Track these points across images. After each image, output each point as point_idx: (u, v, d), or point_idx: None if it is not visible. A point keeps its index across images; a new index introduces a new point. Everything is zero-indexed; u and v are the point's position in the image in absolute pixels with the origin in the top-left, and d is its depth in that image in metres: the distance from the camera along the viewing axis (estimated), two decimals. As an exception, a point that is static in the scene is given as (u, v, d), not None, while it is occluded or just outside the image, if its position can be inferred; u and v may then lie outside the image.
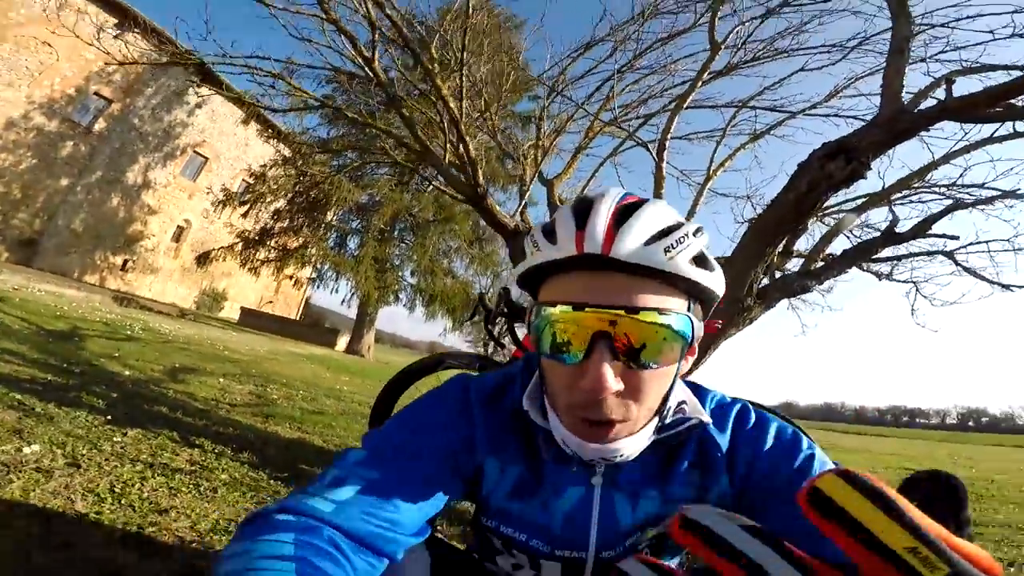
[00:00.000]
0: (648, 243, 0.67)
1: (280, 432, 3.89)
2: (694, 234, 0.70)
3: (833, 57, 4.57)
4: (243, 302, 27.62)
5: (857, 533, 0.31)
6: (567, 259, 0.69)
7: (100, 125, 20.90)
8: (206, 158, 25.74)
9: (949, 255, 4.15)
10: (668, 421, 0.80)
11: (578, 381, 0.69)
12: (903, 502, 0.31)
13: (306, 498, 0.69)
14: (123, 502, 2.02)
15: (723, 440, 0.84)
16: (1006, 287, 4.14)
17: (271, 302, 31.28)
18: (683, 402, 0.84)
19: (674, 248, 0.67)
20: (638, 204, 0.72)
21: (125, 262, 23.12)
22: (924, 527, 0.30)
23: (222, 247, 20.35)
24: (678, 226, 0.70)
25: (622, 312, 0.66)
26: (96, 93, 20.48)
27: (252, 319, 23.01)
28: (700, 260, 0.71)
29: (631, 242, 0.66)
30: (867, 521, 0.31)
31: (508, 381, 0.91)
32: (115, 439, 2.70)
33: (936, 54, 3.63)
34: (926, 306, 4.63)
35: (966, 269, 4.20)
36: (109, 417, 3.06)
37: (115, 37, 5.58)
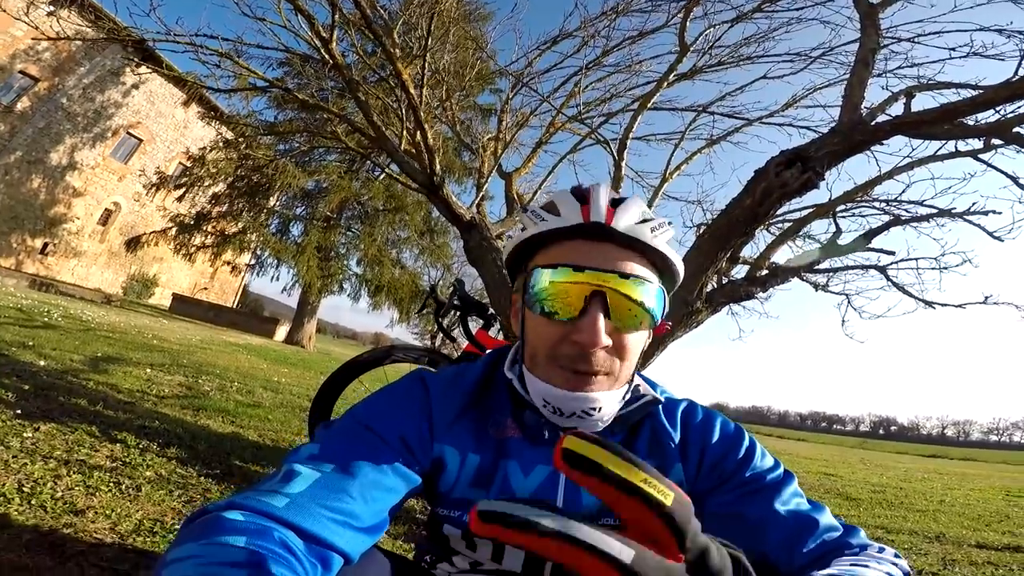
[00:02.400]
0: (639, 222, 0.80)
1: (212, 426, 3.66)
2: (668, 224, 0.84)
3: (796, 66, 4.70)
4: (175, 288, 26.41)
5: (605, 478, 0.37)
6: (572, 227, 0.81)
7: (23, 104, 19.40)
8: (140, 140, 24.40)
9: (881, 270, 4.34)
10: (628, 397, 0.88)
11: (571, 335, 0.78)
12: (631, 454, 0.39)
13: (257, 495, 0.64)
14: (33, 502, 1.82)
15: (675, 432, 0.91)
16: (929, 304, 4.35)
17: (206, 289, 30.01)
18: (639, 385, 0.93)
19: (658, 229, 0.81)
20: (624, 197, 0.85)
21: (45, 245, 21.60)
22: (651, 467, 0.39)
23: (154, 231, 19.27)
24: (657, 217, 0.84)
25: (616, 276, 0.78)
26: (22, 71, 19.06)
27: (185, 306, 21.91)
28: (672, 246, 0.84)
29: (627, 218, 0.80)
30: (612, 467, 0.38)
31: (465, 371, 0.95)
32: (25, 434, 2.46)
33: (894, 69, 3.79)
34: (854, 318, 4.84)
35: (895, 285, 4.38)
36: (19, 411, 2.78)
37: (49, 14, 5.17)
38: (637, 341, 0.82)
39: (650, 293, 0.80)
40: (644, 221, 0.81)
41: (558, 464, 0.38)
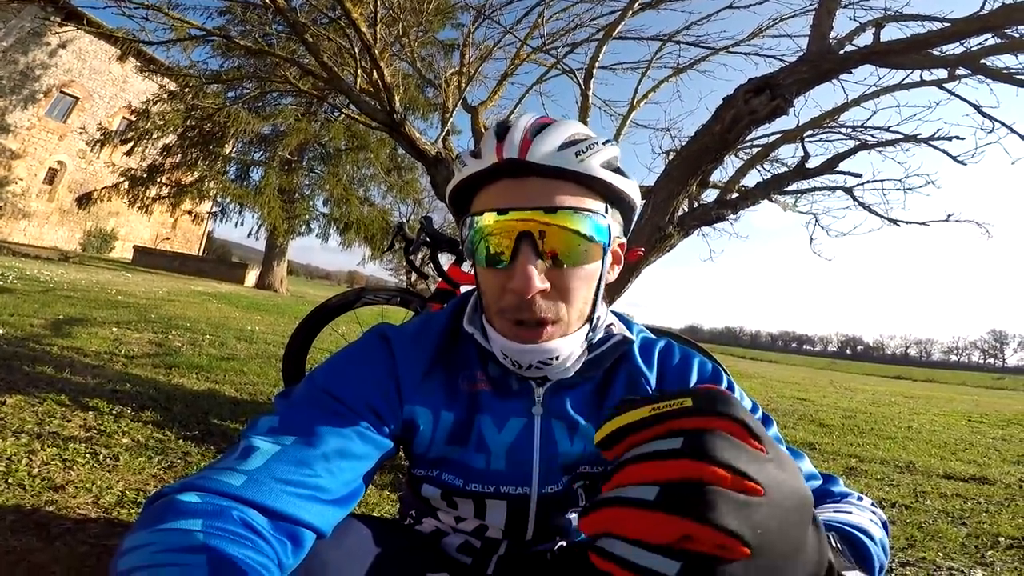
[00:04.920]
0: (561, 148, 0.73)
1: (186, 384, 3.60)
2: (604, 143, 0.76)
3: None
4: (136, 241, 25.81)
5: (633, 431, 0.39)
6: (490, 168, 0.75)
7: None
8: (77, 98, 23.41)
9: (848, 191, 4.44)
10: (597, 339, 0.85)
11: (507, 284, 0.73)
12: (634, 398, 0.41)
13: (213, 473, 0.61)
14: (10, 481, 1.79)
15: (651, 375, 0.88)
16: (894, 222, 4.47)
17: (168, 239, 29.28)
18: (611, 324, 0.90)
19: (584, 152, 0.73)
20: (552, 121, 0.78)
21: None
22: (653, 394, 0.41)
23: (105, 187, 18.48)
24: (588, 137, 0.77)
25: (541, 212, 0.72)
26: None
27: (148, 258, 21.52)
28: (612, 166, 0.77)
29: (545, 147, 0.73)
30: (628, 420, 0.40)
31: (429, 323, 0.91)
32: (-9, 409, 2.40)
33: (860, 0, 3.70)
34: (822, 236, 4.96)
35: (862, 204, 4.49)
36: (-19, 385, 2.70)
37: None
38: (582, 278, 0.76)
39: (586, 222, 0.74)
40: (569, 145, 0.74)
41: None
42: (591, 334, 0.84)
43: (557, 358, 0.77)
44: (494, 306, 0.78)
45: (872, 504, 0.76)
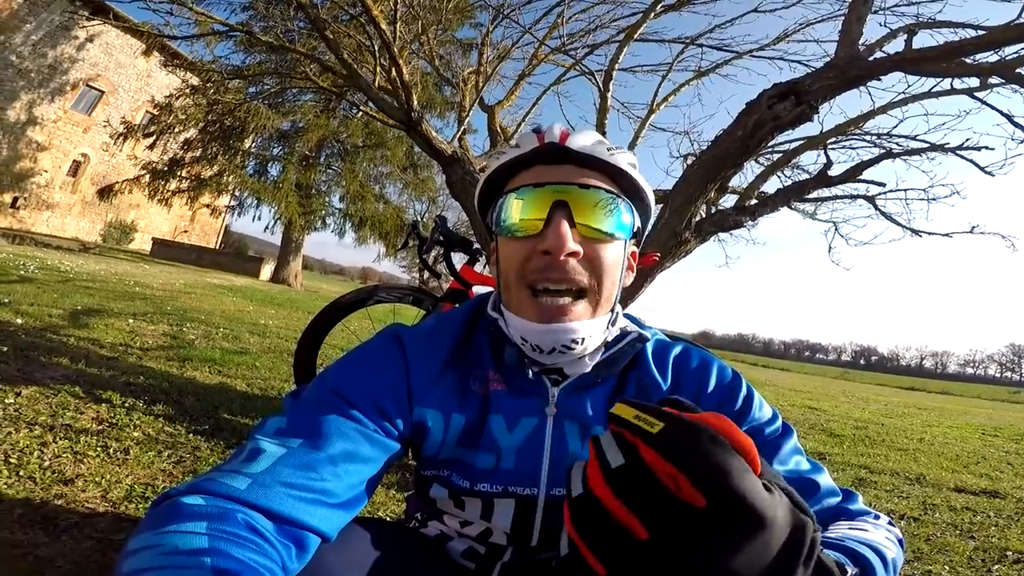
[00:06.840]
0: (594, 144, 0.81)
1: (198, 377, 3.61)
2: (628, 150, 0.83)
3: (788, 0, 4.53)
4: (155, 233, 26.15)
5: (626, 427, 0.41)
6: (531, 152, 0.81)
7: (-30, 65, 18.82)
8: (102, 91, 23.76)
9: (870, 199, 4.35)
10: (612, 337, 0.86)
11: (539, 247, 0.76)
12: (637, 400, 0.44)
13: (219, 475, 0.61)
14: (21, 474, 1.79)
15: (664, 380, 0.87)
16: (916, 232, 4.38)
17: (186, 232, 29.63)
18: (625, 326, 0.91)
19: (615, 150, 0.81)
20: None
21: (15, 199, 21.28)
22: (643, 402, 0.42)
23: (127, 180, 18.82)
24: (614, 144, 0.84)
25: (576, 187, 0.78)
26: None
27: (166, 250, 21.78)
28: (635, 168, 0.83)
29: (581, 140, 0.80)
30: (624, 415, 0.42)
31: (444, 323, 0.91)
32: (7, 400, 2.40)
33: (892, 6, 3.65)
34: (841, 245, 4.86)
35: (884, 214, 4.40)
36: (-2, 376, 2.71)
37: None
38: (610, 256, 0.80)
39: (615, 205, 0.80)
40: (600, 143, 0.81)
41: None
42: (611, 328, 0.85)
43: (579, 341, 0.78)
44: (516, 275, 0.79)
45: (889, 522, 0.75)
